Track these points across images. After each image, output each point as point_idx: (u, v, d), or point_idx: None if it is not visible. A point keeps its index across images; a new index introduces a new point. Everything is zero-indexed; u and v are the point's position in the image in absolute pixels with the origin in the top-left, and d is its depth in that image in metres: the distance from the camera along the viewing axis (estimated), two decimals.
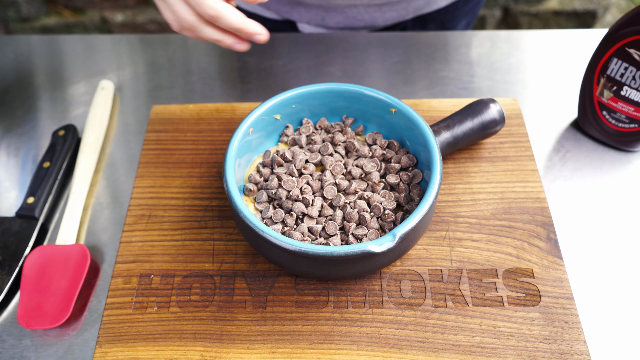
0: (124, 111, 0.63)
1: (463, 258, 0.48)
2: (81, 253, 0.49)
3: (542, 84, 0.63)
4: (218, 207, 0.52)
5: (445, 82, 0.63)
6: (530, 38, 0.68)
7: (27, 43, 0.71)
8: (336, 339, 0.44)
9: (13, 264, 0.49)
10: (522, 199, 0.51)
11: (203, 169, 0.55)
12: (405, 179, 0.49)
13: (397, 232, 0.41)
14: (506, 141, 0.55)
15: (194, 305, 0.46)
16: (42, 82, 0.66)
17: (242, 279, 0.47)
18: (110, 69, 0.67)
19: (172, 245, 0.50)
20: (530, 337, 0.43)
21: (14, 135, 0.61)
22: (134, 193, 0.53)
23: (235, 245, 0.49)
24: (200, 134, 0.58)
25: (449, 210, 0.51)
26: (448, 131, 0.51)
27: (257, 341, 0.44)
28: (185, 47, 0.69)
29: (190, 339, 0.44)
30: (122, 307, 0.46)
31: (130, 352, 0.44)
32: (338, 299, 0.46)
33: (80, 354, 0.45)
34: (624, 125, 0.54)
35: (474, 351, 0.43)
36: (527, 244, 0.48)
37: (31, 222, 0.51)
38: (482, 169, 0.53)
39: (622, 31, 0.49)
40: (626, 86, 0.51)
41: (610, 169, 0.55)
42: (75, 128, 0.59)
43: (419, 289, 0.46)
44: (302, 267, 0.43)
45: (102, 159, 0.58)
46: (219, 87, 0.65)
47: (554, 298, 0.45)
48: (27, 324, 0.45)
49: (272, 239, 0.41)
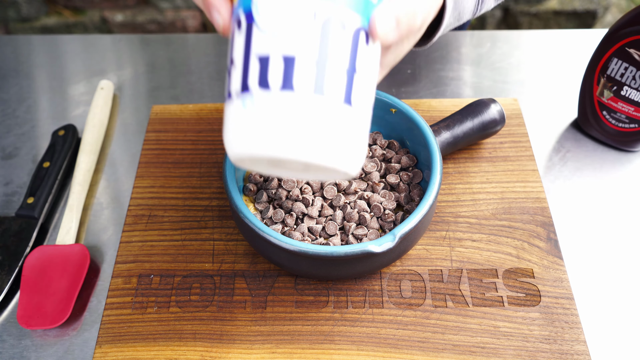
0: (124, 111, 0.63)
1: (463, 258, 0.48)
2: (81, 253, 0.49)
3: (542, 84, 0.63)
4: (218, 207, 0.52)
5: (445, 82, 0.63)
6: (530, 38, 0.68)
7: (27, 43, 0.71)
8: (336, 339, 0.44)
9: (13, 264, 0.49)
10: (522, 199, 0.51)
11: (203, 169, 0.55)
12: (405, 179, 0.49)
13: (397, 232, 0.41)
14: (506, 141, 0.55)
15: (194, 305, 0.46)
16: (42, 82, 0.66)
17: (242, 279, 0.47)
18: (110, 69, 0.67)
19: (172, 245, 0.50)
20: (530, 337, 0.43)
21: (14, 135, 0.61)
22: (133, 193, 0.53)
23: (235, 245, 0.49)
24: (200, 134, 0.58)
25: (449, 210, 0.51)
26: (448, 131, 0.51)
27: (257, 341, 0.44)
28: (185, 47, 0.69)
29: (190, 339, 0.44)
30: (122, 307, 0.46)
31: (130, 352, 0.44)
32: (338, 299, 0.46)
33: (80, 354, 0.45)
34: (624, 125, 0.54)
35: (474, 351, 0.43)
36: (527, 244, 0.48)
37: (31, 222, 0.51)
38: (482, 169, 0.53)
39: (622, 31, 0.49)
40: (626, 86, 0.51)
41: (610, 169, 0.55)
42: (75, 128, 0.59)
43: (419, 289, 0.46)
44: (302, 267, 0.43)
45: (102, 159, 0.58)
46: (219, 87, 0.65)
47: (554, 298, 0.45)
48: (27, 324, 0.45)
49: (272, 239, 0.41)
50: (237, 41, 0.30)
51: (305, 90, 0.29)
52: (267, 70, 0.29)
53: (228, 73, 0.31)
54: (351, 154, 0.31)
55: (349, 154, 0.31)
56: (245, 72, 0.30)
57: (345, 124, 0.30)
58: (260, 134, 0.29)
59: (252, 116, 0.29)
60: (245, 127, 0.30)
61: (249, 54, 0.30)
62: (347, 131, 0.30)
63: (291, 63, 0.29)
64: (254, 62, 0.29)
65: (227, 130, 0.31)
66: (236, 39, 0.31)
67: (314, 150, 0.29)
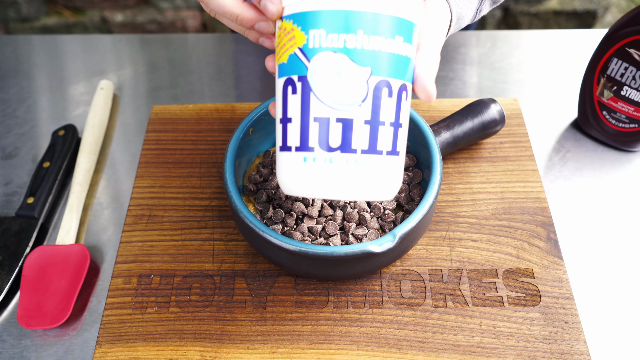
0: (124, 111, 0.63)
1: (463, 258, 0.48)
2: (81, 253, 0.49)
3: (542, 84, 0.63)
4: (218, 207, 0.52)
5: (445, 82, 0.63)
6: (530, 38, 0.68)
7: (27, 43, 0.71)
8: (336, 339, 0.44)
9: (13, 264, 0.49)
10: (522, 199, 0.51)
11: (203, 169, 0.55)
12: (405, 179, 0.49)
13: (397, 232, 0.41)
14: (506, 141, 0.55)
15: (194, 305, 0.46)
16: (42, 82, 0.66)
17: (242, 279, 0.47)
18: (110, 69, 0.67)
19: (172, 245, 0.50)
20: (530, 337, 0.43)
21: (14, 135, 0.61)
22: (134, 193, 0.53)
23: (235, 245, 0.49)
24: (200, 134, 0.58)
25: (449, 210, 0.51)
26: (448, 131, 0.51)
27: (257, 341, 0.44)
28: (185, 47, 0.69)
29: (190, 339, 0.44)
30: (122, 307, 0.46)
31: (130, 352, 0.44)
32: (338, 299, 0.46)
33: (80, 354, 0.45)
34: (624, 125, 0.54)
35: (474, 351, 0.43)
36: (527, 244, 0.48)
37: (31, 222, 0.51)
38: (482, 169, 0.53)
39: (622, 31, 0.49)
40: (626, 86, 0.51)
41: (610, 169, 0.55)
42: (75, 128, 0.59)
43: (419, 289, 0.46)
44: (302, 267, 0.43)
45: (102, 159, 0.58)
46: (219, 87, 0.65)
47: (554, 298, 0.45)
48: (27, 324, 0.45)
49: (272, 239, 0.41)
50: (291, 101, 0.34)
51: (362, 149, 0.33)
52: (326, 133, 0.33)
53: (283, 125, 0.34)
54: (394, 187, 0.36)
55: (393, 188, 0.35)
56: (305, 132, 0.33)
57: (392, 169, 0.35)
58: (320, 184, 0.34)
59: (313, 170, 0.33)
60: (305, 177, 0.34)
61: (307, 116, 0.33)
62: (393, 174, 0.35)
63: (349, 127, 0.32)
64: (313, 125, 0.33)
65: (285, 175, 0.35)
66: (290, 98, 0.34)
67: (366, 193, 0.34)
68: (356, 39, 0.32)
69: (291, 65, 0.33)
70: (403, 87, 0.34)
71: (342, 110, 0.32)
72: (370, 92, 0.32)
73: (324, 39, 0.32)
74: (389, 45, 0.32)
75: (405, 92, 0.34)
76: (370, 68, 0.32)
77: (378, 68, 0.32)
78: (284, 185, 0.36)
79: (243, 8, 0.34)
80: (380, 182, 0.34)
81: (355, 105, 0.32)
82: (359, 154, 0.33)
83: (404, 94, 0.34)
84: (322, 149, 0.33)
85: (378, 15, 0.32)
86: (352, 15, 0.31)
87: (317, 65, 0.32)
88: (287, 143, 0.34)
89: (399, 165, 0.35)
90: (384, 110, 0.33)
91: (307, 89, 0.33)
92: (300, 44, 0.32)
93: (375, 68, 0.32)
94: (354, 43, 0.32)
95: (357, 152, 0.33)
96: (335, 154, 0.33)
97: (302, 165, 0.34)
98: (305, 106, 0.33)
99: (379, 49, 0.32)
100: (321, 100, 0.32)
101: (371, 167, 0.33)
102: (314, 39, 0.32)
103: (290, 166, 0.34)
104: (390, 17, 0.32)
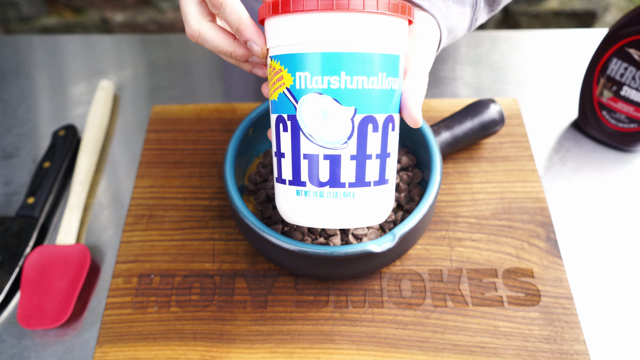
0: (124, 111, 0.63)
1: (463, 258, 0.48)
2: (81, 253, 0.49)
3: (542, 84, 0.63)
4: (218, 207, 0.52)
5: (445, 82, 0.64)
6: (530, 38, 0.68)
7: (27, 43, 0.71)
8: (336, 339, 0.44)
9: (13, 264, 0.49)
10: (522, 199, 0.51)
11: (203, 169, 0.55)
12: (405, 179, 0.49)
13: (397, 231, 0.41)
14: (506, 141, 0.55)
15: (194, 305, 0.46)
16: (42, 82, 0.66)
17: (242, 278, 0.47)
18: (110, 69, 0.67)
19: (172, 245, 0.50)
20: (530, 337, 0.43)
21: (14, 135, 0.61)
22: (134, 193, 0.53)
23: (235, 245, 0.49)
24: (200, 134, 0.58)
25: (449, 210, 0.51)
26: (448, 131, 0.51)
27: (257, 341, 0.44)
28: (185, 47, 0.69)
29: (190, 338, 0.44)
30: (122, 307, 0.46)
31: (131, 352, 0.44)
32: (338, 298, 0.46)
33: (80, 354, 0.45)
34: (623, 125, 0.54)
35: (474, 351, 0.43)
36: (527, 244, 0.48)
37: (31, 222, 0.51)
38: (482, 169, 0.53)
39: (622, 31, 0.49)
40: (626, 86, 0.51)
41: (610, 169, 0.55)
42: (76, 128, 0.59)
43: (418, 289, 0.46)
44: (302, 267, 0.43)
45: (102, 159, 0.58)
46: (219, 87, 0.65)
47: (554, 298, 0.45)
48: (27, 324, 0.45)
49: (272, 239, 0.41)
50: (283, 137, 0.35)
51: (350, 183, 0.34)
52: (316, 169, 0.34)
53: (277, 158, 0.37)
54: (384, 212, 0.37)
55: (383, 213, 0.37)
56: (297, 167, 0.35)
57: (381, 197, 0.36)
58: (314, 215, 0.36)
59: (306, 203, 0.35)
60: (300, 208, 0.36)
61: (298, 152, 0.35)
62: (382, 201, 0.36)
63: (337, 163, 0.34)
64: (303, 161, 0.35)
65: (282, 205, 0.37)
66: (282, 135, 0.35)
67: (358, 222, 0.36)
68: (339, 80, 0.33)
69: (281, 104, 0.35)
70: (389, 119, 0.35)
71: (329, 148, 0.34)
72: (356, 129, 0.33)
73: (309, 80, 0.33)
74: (372, 83, 0.33)
75: (392, 123, 0.35)
76: (355, 107, 0.33)
77: (362, 106, 0.33)
78: (283, 214, 0.37)
79: (235, 46, 0.37)
80: (370, 211, 0.36)
81: (342, 142, 0.34)
82: (347, 188, 0.35)
83: (390, 125, 0.35)
84: (313, 184, 0.35)
85: (360, 55, 0.32)
86: (333, 58, 0.32)
87: (305, 106, 0.33)
88: (282, 176, 0.36)
89: (388, 192, 0.37)
90: (370, 144, 0.34)
91: (297, 127, 0.34)
92: (288, 84, 0.34)
93: (359, 106, 0.33)
94: (337, 84, 0.33)
95: (346, 186, 0.34)
96: (325, 189, 0.35)
97: (296, 198, 0.36)
98: (296, 143, 0.35)
99: (362, 87, 0.33)
100: (309, 139, 0.34)
101: (360, 198, 0.35)
102: (300, 81, 0.33)
103: (286, 198, 0.36)
104: (373, 55, 0.33)
